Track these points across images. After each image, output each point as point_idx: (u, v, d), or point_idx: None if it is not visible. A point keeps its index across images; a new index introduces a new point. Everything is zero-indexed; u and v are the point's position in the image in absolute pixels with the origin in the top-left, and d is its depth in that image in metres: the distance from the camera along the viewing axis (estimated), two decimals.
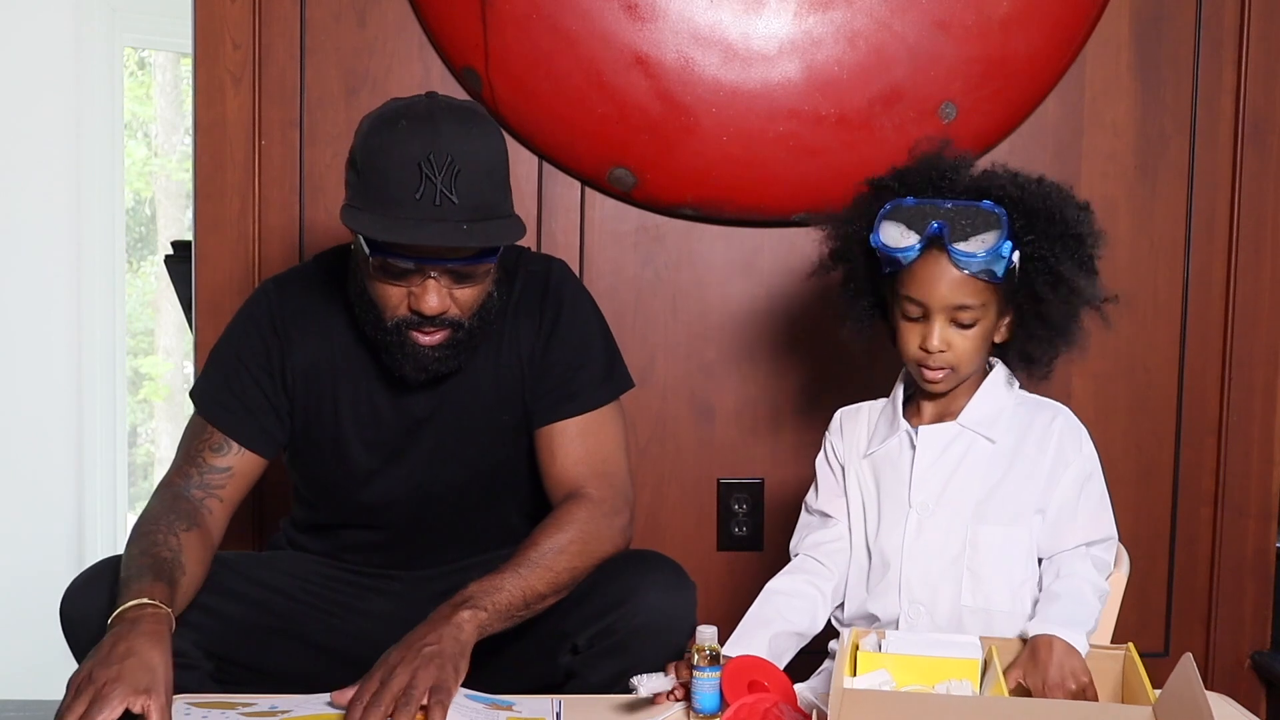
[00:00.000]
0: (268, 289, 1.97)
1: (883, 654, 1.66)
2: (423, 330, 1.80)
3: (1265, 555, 2.54)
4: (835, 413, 1.96)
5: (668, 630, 1.76)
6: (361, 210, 1.75)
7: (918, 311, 1.77)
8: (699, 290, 2.48)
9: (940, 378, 1.78)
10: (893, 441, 1.85)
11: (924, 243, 1.75)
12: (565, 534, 1.81)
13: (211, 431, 1.88)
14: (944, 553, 1.79)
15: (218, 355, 1.95)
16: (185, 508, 1.81)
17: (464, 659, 1.64)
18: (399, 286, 1.78)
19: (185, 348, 4.75)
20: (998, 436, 1.81)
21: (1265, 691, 2.56)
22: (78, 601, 1.77)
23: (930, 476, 1.81)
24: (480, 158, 1.75)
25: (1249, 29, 2.45)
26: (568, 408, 1.91)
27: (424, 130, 1.73)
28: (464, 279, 1.79)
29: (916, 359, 1.79)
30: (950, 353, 1.76)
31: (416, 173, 1.71)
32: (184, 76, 4.79)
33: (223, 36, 2.38)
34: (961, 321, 1.76)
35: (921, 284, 1.76)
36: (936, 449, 1.82)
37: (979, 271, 1.74)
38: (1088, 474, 1.81)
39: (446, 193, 1.71)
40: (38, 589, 3.86)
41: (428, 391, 1.90)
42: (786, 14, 2.31)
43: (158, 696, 1.52)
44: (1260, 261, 2.49)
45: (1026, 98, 2.40)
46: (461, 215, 1.72)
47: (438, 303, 1.77)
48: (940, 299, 1.75)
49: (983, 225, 1.74)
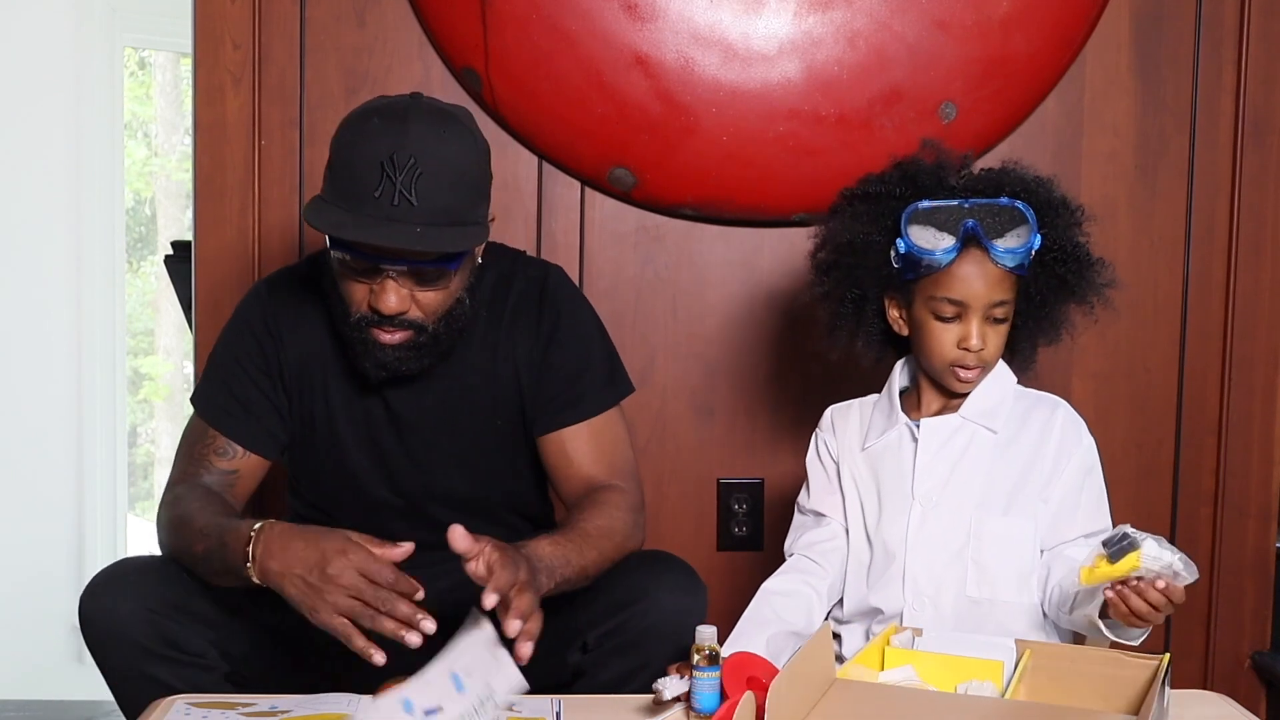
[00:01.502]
0: (259, 290, 1.98)
1: (910, 650, 1.67)
2: (383, 329, 1.80)
3: (1265, 555, 2.54)
4: (825, 411, 1.97)
5: (678, 631, 1.75)
6: (326, 204, 1.76)
7: (953, 311, 1.78)
8: (699, 290, 2.48)
9: (974, 376, 1.80)
10: (891, 435, 1.86)
11: (960, 243, 1.75)
12: (612, 520, 1.82)
13: (215, 435, 1.89)
14: (948, 544, 1.80)
15: (216, 360, 1.95)
16: (214, 496, 1.84)
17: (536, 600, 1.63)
18: (361, 283, 1.78)
19: (185, 348, 4.75)
20: (999, 427, 1.82)
21: (1265, 691, 2.55)
22: (99, 600, 1.77)
23: (933, 468, 1.82)
24: (448, 162, 1.74)
25: (1249, 29, 2.45)
26: (574, 413, 1.92)
27: (393, 129, 1.72)
28: (427, 281, 1.78)
29: (953, 359, 1.79)
30: (986, 350, 1.78)
31: (378, 171, 1.71)
32: (184, 76, 4.79)
33: (223, 36, 2.38)
34: (996, 317, 1.78)
35: (960, 283, 1.76)
36: (939, 441, 1.83)
37: (1015, 267, 1.76)
38: (1089, 466, 1.84)
39: (405, 194, 1.70)
40: (37, 589, 3.87)
41: (419, 393, 1.91)
42: (786, 14, 2.31)
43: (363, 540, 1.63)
44: (1260, 261, 2.50)
45: (1026, 98, 2.40)
46: (418, 218, 1.71)
47: (395, 303, 1.77)
48: (980, 297, 1.76)
49: (1010, 221, 1.77)
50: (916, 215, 1.78)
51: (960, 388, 1.82)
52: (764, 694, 1.44)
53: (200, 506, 1.80)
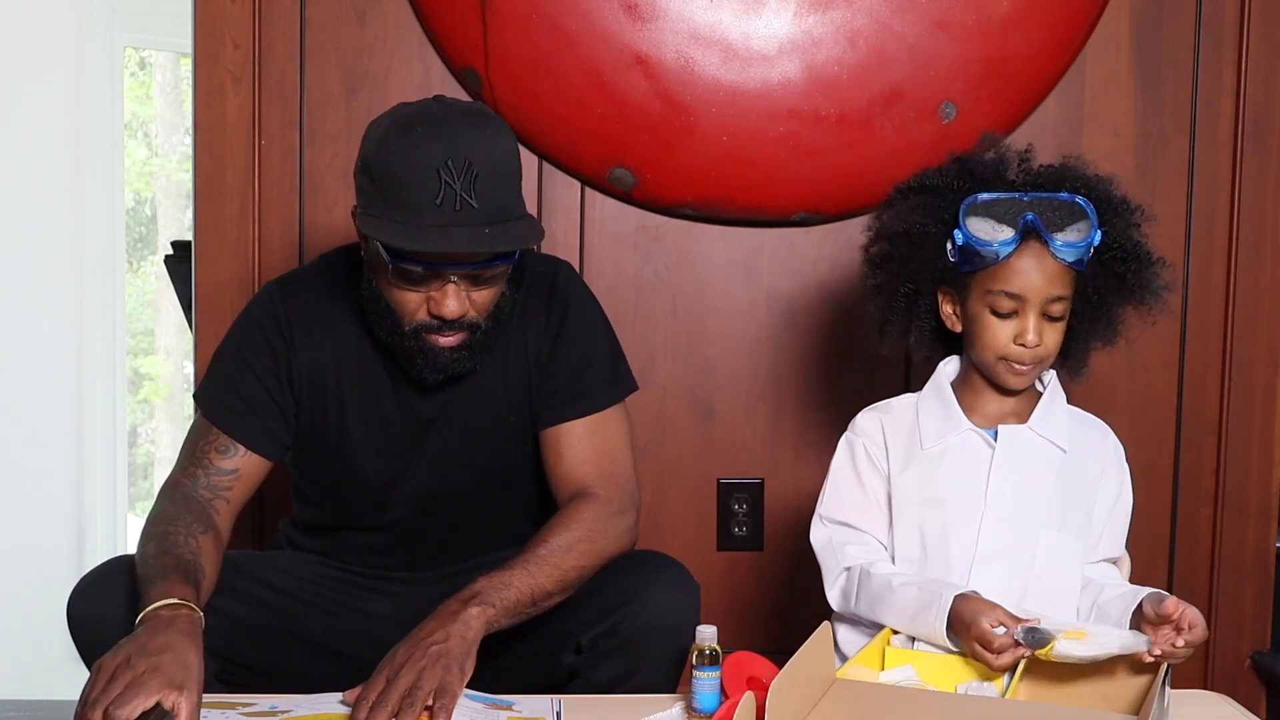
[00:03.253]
0: (271, 290, 1.96)
1: (910, 650, 1.67)
2: (441, 334, 1.80)
3: (1265, 555, 2.54)
4: (858, 416, 1.89)
5: (671, 631, 1.76)
6: (379, 218, 1.74)
7: (1010, 306, 1.74)
8: (699, 290, 2.48)
9: (1028, 371, 1.77)
10: (954, 439, 1.80)
11: (1020, 235, 1.73)
12: (573, 532, 1.80)
13: (217, 434, 1.88)
14: (1015, 556, 1.76)
15: (222, 357, 1.94)
16: (198, 510, 1.81)
17: (470, 658, 1.63)
18: (417, 292, 1.78)
19: (185, 348, 4.75)
20: (1067, 446, 1.80)
21: (1265, 691, 2.55)
22: (86, 601, 1.77)
23: (1008, 478, 1.78)
24: (495, 159, 1.74)
25: (1249, 29, 2.45)
26: (574, 409, 1.92)
27: (440, 135, 1.72)
28: (481, 282, 1.79)
29: (1007, 354, 1.75)
30: (1042, 346, 1.75)
31: (435, 178, 1.70)
32: (184, 76, 4.79)
33: (223, 36, 2.38)
34: (1053, 314, 1.75)
35: (1019, 276, 1.73)
36: (1016, 451, 1.79)
37: (1074, 261, 1.74)
38: (1120, 494, 1.84)
39: (466, 197, 1.71)
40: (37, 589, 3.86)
41: (435, 393, 1.90)
42: (786, 14, 2.31)
43: (190, 696, 1.51)
44: (1260, 261, 2.50)
45: (1026, 98, 2.40)
46: (481, 219, 1.72)
47: (457, 306, 1.77)
48: (1039, 291, 1.73)
49: (1069, 216, 1.74)
50: (975, 207, 1.75)
51: (1013, 382, 1.78)
52: (764, 694, 1.44)
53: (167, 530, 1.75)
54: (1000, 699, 1.60)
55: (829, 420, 2.44)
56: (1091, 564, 1.81)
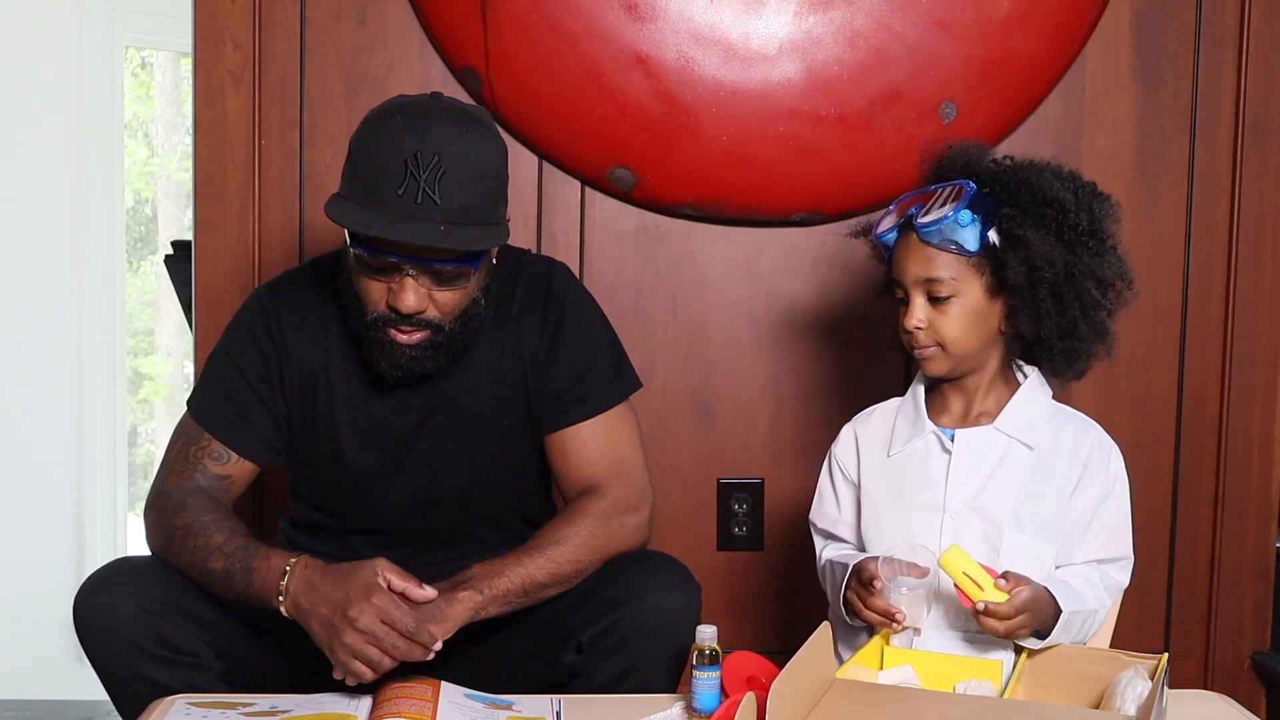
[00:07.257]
0: (260, 295, 1.97)
1: (910, 650, 1.67)
2: (400, 328, 1.80)
3: (1265, 555, 2.54)
4: (844, 427, 1.92)
5: (672, 630, 1.76)
6: (347, 200, 1.76)
7: (900, 293, 1.79)
8: (699, 290, 2.48)
9: (928, 355, 1.78)
10: (919, 443, 1.82)
11: (900, 223, 1.79)
12: (573, 527, 1.82)
13: (210, 440, 1.89)
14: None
15: (214, 364, 1.95)
16: (223, 510, 1.85)
17: (447, 632, 1.69)
18: (380, 282, 1.78)
19: (185, 348, 4.75)
20: (1035, 443, 1.79)
21: (1265, 691, 2.55)
22: (93, 600, 1.77)
23: (966, 480, 1.78)
24: (470, 161, 1.74)
25: (1249, 29, 2.45)
26: (579, 411, 1.92)
27: (416, 127, 1.72)
28: (445, 281, 1.78)
29: (904, 341, 1.79)
30: (931, 330, 1.76)
31: (402, 168, 1.71)
32: (184, 76, 4.79)
33: (223, 36, 2.38)
34: (936, 295, 1.75)
35: (896, 263, 1.79)
36: (973, 453, 1.79)
37: (942, 243, 1.74)
38: (1108, 492, 1.81)
39: (429, 192, 1.71)
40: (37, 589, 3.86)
41: (424, 395, 1.90)
42: (786, 14, 2.31)
43: (386, 569, 1.68)
44: (1260, 261, 2.49)
45: (1026, 98, 2.40)
46: (441, 216, 1.71)
47: (414, 301, 1.77)
48: (910, 274, 1.77)
49: (944, 200, 1.76)
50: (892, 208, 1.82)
51: (928, 369, 1.80)
52: (764, 694, 1.44)
53: (214, 520, 1.80)
54: (999, 699, 1.60)
55: (829, 420, 2.43)
56: (1074, 565, 1.78)
